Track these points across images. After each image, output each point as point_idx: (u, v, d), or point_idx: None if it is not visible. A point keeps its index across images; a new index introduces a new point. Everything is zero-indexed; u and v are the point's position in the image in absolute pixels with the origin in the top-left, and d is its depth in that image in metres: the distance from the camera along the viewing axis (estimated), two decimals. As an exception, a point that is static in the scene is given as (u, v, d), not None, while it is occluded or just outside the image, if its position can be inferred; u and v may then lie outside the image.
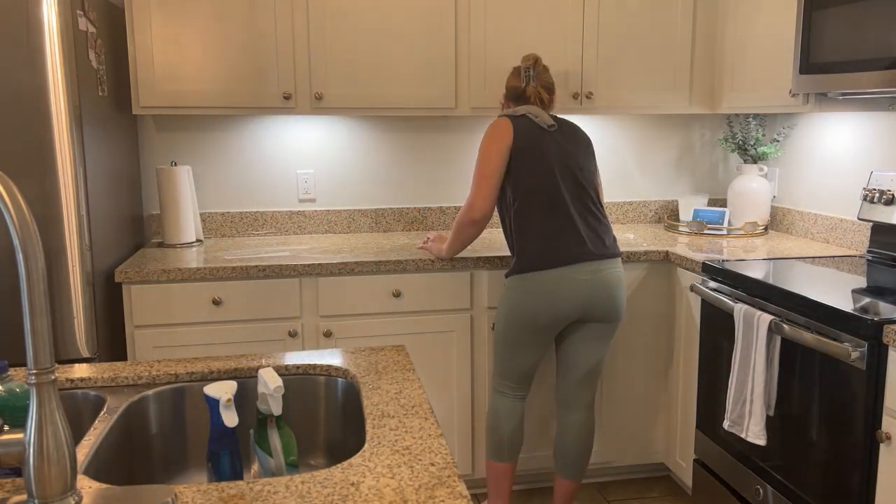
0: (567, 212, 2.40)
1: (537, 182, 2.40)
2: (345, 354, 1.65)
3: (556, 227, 2.39)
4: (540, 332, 2.44)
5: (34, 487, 0.92)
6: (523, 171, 2.40)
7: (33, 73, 2.22)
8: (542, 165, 2.40)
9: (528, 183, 2.40)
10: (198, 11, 2.75)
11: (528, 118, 2.45)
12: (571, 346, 2.51)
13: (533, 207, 2.40)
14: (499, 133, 2.41)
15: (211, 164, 3.19)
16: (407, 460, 1.14)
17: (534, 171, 2.40)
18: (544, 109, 2.52)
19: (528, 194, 2.40)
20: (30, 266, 0.90)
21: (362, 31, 2.86)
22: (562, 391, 2.57)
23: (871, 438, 1.87)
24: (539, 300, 2.38)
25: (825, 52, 2.38)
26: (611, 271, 2.43)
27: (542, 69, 2.54)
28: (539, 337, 2.45)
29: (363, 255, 2.76)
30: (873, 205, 2.63)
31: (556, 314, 2.40)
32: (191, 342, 2.62)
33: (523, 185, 2.40)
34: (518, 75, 2.54)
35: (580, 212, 2.42)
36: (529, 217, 2.40)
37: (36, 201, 2.26)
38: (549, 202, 2.40)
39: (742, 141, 3.29)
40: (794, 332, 2.04)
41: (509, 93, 2.58)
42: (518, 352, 2.48)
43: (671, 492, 3.02)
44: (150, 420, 1.50)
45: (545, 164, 2.41)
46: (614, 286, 2.43)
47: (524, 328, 2.43)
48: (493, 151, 2.40)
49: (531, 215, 2.40)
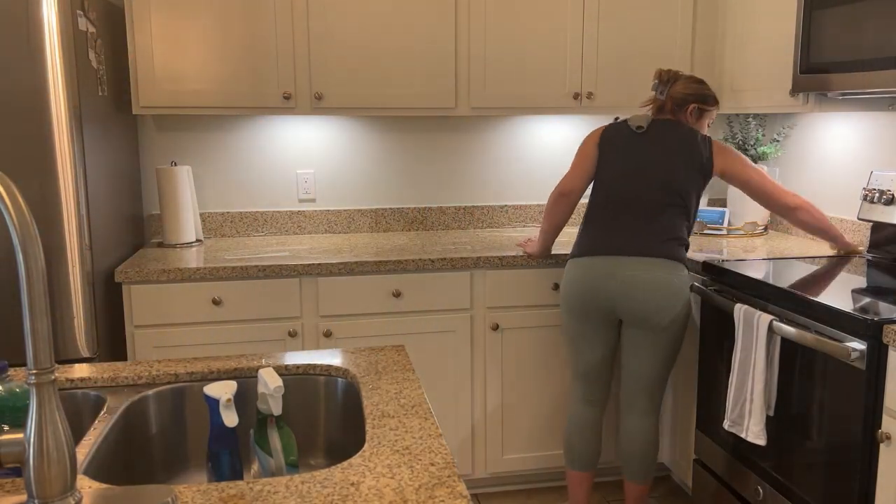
0: (622, 210, 2.46)
1: (603, 178, 2.53)
2: (345, 354, 1.65)
3: (605, 221, 2.48)
4: (585, 320, 2.49)
5: (34, 487, 0.92)
6: (600, 165, 2.55)
7: (33, 73, 2.22)
8: (612, 164, 2.52)
9: (600, 177, 2.55)
10: (198, 11, 2.75)
11: (625, 123, 2.55)
12: (623, 351, 2.54)
13: (595, 201, 2.53)
14: (593, 132, 2.62)
15: (211, 164, 3.19)
16: (407, 460, 1.14)
17: (606, 168, 2.53)
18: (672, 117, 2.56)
19: (596, 188, 2.56)
20: (30, 266, 0.90)
21: (362, 31, 2.86)
22: (621, 394, 2.61)
23: (871, 438, 1.87)
24: (574, 286, 2.49)
25: (825, 52, 2.38)
26: (644, 273, 2.38)
27: (681, 82, 2.56)
28: (588, 328, 2.50)
29: (363, 255, 2.76)
30: (873, 205, 2.63)
31: (586, 303, 2.47)
32: (191, 342, 2.62)
33: (597, 179, 2.56)
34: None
35: (640, 214, 2.44)
36: (590, 209, 2.55)
37: (36, 201, 2.26)
38: (607, 200, 2.50)
39: (742, 141, 3.29)
40: (794, 333, 2.04)
41: None
42: (575, 344, 2.56)
43: (671, 492, 3.02)
44: (150, 420, 1.50)
45: (615, 163, 2.51)
46: (647, 287, 2.37)
47: (570, 314, 2.53)
48: (584, 143, 2.61)
49: (592, 208, 2.54)
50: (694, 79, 2.57)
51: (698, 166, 2.47)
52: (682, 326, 2.45)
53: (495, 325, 2.81)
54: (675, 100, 2.55)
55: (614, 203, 2.48)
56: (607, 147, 2.54)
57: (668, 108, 2.57)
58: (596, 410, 2.61)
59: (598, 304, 2.45)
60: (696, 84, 2.56)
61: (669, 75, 2.57)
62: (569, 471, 2.65)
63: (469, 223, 3.41)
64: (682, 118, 2.56)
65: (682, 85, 2.55)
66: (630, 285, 2.39)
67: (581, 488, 2.63)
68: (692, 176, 2.47)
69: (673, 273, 2.40)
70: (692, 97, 2.54)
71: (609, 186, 2.51)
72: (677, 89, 2.55)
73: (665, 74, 2.57)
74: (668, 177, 2.45)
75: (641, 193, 2.45)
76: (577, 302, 2.49)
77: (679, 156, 2.47)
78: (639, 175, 2.47)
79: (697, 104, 2.54)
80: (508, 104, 3.00)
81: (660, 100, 2.58)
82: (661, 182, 2.45)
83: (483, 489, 3.00)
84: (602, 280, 2.42)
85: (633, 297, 2.39)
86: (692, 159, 2.47)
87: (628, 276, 2.39)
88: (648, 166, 2.46)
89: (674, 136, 2.50)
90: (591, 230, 2.51)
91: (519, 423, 2.91)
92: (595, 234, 2.49)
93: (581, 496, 2.64)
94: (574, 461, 2.62)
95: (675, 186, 2.45)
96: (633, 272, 2.39)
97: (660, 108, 2.59)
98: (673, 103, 2.55)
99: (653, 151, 2.48)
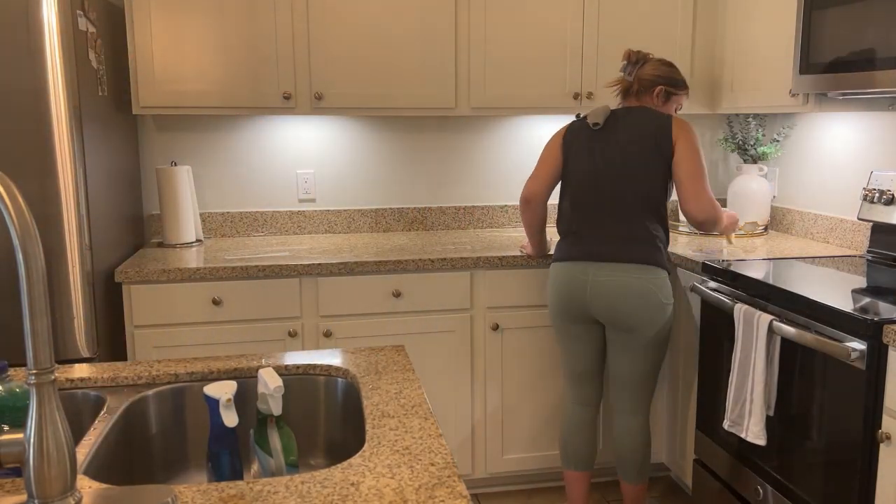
0: (590, 213, 2.43)
1: (570, 181, 2.50)
2: (345, 354, 1.65)
3: (576, 225, 2.46)
4: (570, 322, 2.51)
5: (34, 487, 0.92)
6: (565, 168, 2.52)
7: (33, 73, 2.22)
8: (577, 166, 2.48)
9: (566, 180, 2.52)
10: (198, 11, 2.75)
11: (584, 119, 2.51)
12: (607, 352, 2.54)
13: (565, 204, 2.52)
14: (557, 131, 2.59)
15: (211, 164, 3.18)
16: (407, 460, 1.14)
17: (571, 171, 2.50)
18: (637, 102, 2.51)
19: (563, 191, 2.54)
20: (30, 266, 0.90)
21: (362, 30, 2.86)
22: (610, 396, 2.62)
23: (871, 438, 1.87)
24: (555, 291, 2.50)
25: (825, 52, 2.38)
26: (618, 278, 2.36)
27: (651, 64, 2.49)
28: (574, 329, 2.51)
29: (363, 255, 2.76)
30: (873, 205, 2.63)
31: (568, 308, 2.47)
32: (191, 342, 2.62)
33: (564, 182, 2.54)
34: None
35: (609, 216, 2.41)
36: (561, 212, 2.54)
37: (36, 201, 2.26)
38: (575, 203, 2.47)
39: (742, 141, 3.29)
40: (794, 332, 2.04)
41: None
42: (564, 345, 2.57)
43: (671, 492, 3.02)
44: (150, 420, 1.50)
45: (580, 164, 2.47)
46: (617, 293, 2.36)
47: (556, 317, 2.54)
48: (548, 143, 2.58)
49: (563, 211, 2.53)
50: (664, 62, 2.52)
51: (665, 155, 2.40)
52: (661, 328, 2.41)
53: (495, 325, 2.81)
54: (642, 82, 2.49)
55: (583, 206, 2.45)
56: (571, 147, 2.50)
57: (635, 91, 2.51)
58: (590, 410, 2.61)
59: (577, 308, 2.46)
60: (665, 67, 2.51)
61: (638, 56, 2.51)
62: (566, 471, 2.65)
63: (469, 223, 3.41)
64: (649, 101, 2.51)
65: (652, 67, 2.49)
66: (601, 293, 2.39)
67: (578, 488, 2.64)
68: (659, 167, 2.40)
69: (644, 277, 2.36)
70: (661, 80, 2.48)
71: (575, 189, 2.47)
72: (646, 71, 2.49)
73: (634, 55, 2.52)
74: (633, 175, 2.39)
75: (609, 195, 2.41)
76: (559, 307, 2.50)
77: (644, 150, 2.39)
78: (604, 176, 2.42)
79: (665, 87, 2.48)
80: (508, 104, 2.99)
81: (627, 81, 2.52)
82: (627, 181, 2.39)
83: (483, 489, 3.00)
84: (577, 286, 2.43)
85: (606, 303, 2.39)
86: (658, 151, 2.39)
87: (600, 282, 2.39)
88: (613, 166, 2.41)
89: (637, 129, 2.42)
90: (564, 233, 2.51)
91: (519, 423, 2.91)
92: (569, 237, 2.49)
93: (579, 496, 2.64)
94: (570, 461, 2.63)
95: (642, 184, 2.39)
96: (604, 278, 2.38)
97: (626, 89, 2.53)
98: (640, 85, 2.49)
99: (616, 149, 2.42)
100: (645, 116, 2.45)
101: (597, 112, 2.48)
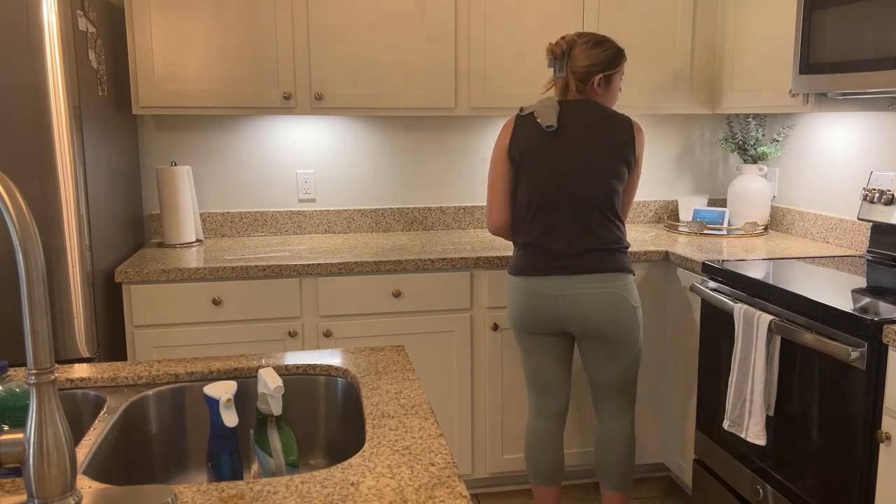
0: (549, 224, 2.31)
1: (527, 188, 2.34)
2: (345, 354, 1.65)
3: (536, 236, 2.34)
4: (533, 336, 2.42)
5: (34, 487, 0.92)
6: (519, 177, 2.36)
7: (33, 72, 2.22)
8: (534, 173, 2.32)
9: (521, 189, 2.36)
10: (198, 11, 2.75)
11: (532, 118, 2.32)
12: (582, 362, 2.47)
13: (521, 215, 2.37)
14: (500, 135, 2.40)
15: (211, 164, 3.19)
16: (407, 460, 1.14)
17: (527, 178, 2.34)
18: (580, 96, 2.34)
19: (518, 201, 2.38)
20: (30, 266, 0.90)
21: (362, 30, 2.86)
22: (591, 402, 2.54)
23: (871, 438, 1.87)
24: (517, 307, 2.39)
25: (825, 52, 2.38)
26: (589, 288, 2.29)
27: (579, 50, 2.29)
28: (535, 341, 2.43)
29: (363, 255, 2.76)
30: (873, 205, 2.63)
31: (535, 323, 2.38)
32: (191, 342, 2.62)
33: (518, 191, 2.38)
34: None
35: (569, 227, 2.30)
36: (516, 223, 2.40)
37: (36, 201, 2.26)
38: (533, 214, 2.33)
39: (742, 141, 3.29)
40: (793, 333, 2.04)
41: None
42: (526, 355, 2.48)
43: (671, 492, 3.02)
44: (150, 420, 1.50)
45: (537, 171, 2.31)
46: (592, 304, 2.30)
47: (517, 329, 2.44)
48: (494, 159, 2.39)
49: (518, 222, 2.39)
50: (592, 41, 2.30)
51: (629, 166, 2.33)
52: (634, 332, 2.36)
53: (495, 325, 2.81)
54: (577, 74, 2.30)
55: (543, 214, 2.32)
56: (524, 155, 2.32)
57: (573, 88, 2.32)
58: (558, 423, 2.51)
59: (546, 323, 2.36)
60: (596, 49, 2.29)
61: (562, 47, 2.29)
62: (537, 487, 2.55)
63: (469, 223, 3.41)
64: (591, 92, 2.33)
65: (581, 54, 2.28)
66: (573, 307, 2.31)
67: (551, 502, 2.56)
68: (622, 175, 2.32)
69: (616, 285, 2.31)
70: (597, 67, 2.28)
71: (533, 197, 2.32)
72: (577, 62, 2.28)
73: (557, 48, 2.30)
74: (595, 179, 2.28)
75: (570, 201, 2.29)
76: (524, 321, 2.38)
77: (609, 155, 2.29)
78: (566, 181, 2.28)
79: (603, 73, 2.29)
80: (508, 104, 2.99)
81: (560, 79, 2.33)
82: (589, 187, 2.28)
83: (483, 489, 3.00)
84: (546, 302, 2.32)
85: (581, 316, 2.31)
86: (624, 161, 2.31)
87: (572, 296, 2.30)
88: (574, 171, 2.28)
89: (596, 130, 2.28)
90: (524, 244, 2.36)
91: (519, 422, 2.90)
92: (531, 248, 2.34)
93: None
94: (540, 477, 2.52)
95: (605, 188, 2.29)
96: (577, 291, 2.30)
97: (563, 88, 2.34)
98: (576, 79, 2.30)
99: (575, 151, 2.28)
100: (601, 115, 2.31)
101: (546, 109, 2.29)
